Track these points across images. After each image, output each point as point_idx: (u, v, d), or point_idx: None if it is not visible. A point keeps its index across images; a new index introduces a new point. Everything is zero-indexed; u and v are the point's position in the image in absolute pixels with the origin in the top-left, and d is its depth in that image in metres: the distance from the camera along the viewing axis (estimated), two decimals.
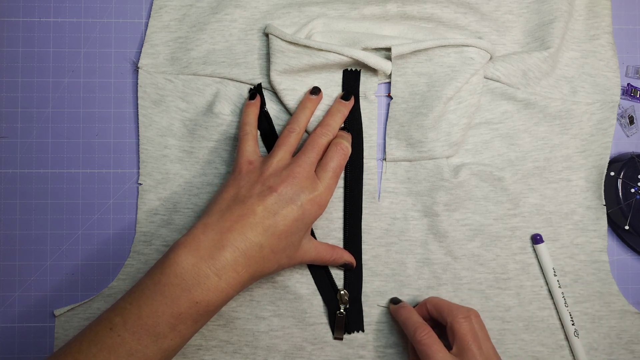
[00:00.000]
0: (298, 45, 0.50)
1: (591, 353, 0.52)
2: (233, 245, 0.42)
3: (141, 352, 0.40)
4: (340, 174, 0.48)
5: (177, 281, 0.41)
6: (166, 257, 0.42)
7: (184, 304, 0.41)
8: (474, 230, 0.52)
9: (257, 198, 0.44)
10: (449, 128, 0.51)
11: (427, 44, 0.50)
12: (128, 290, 0.43)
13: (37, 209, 0.53)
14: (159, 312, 0.40)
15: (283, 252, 0.44)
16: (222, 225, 0.43)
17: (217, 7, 0.54)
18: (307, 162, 0.46)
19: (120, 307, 0.41)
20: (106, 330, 0.40)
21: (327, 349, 0.51)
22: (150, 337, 0.40)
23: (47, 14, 0.55)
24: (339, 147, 0.48)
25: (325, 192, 0.46)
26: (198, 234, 0.42)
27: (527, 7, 0.54)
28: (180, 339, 0.42)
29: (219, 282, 0.41)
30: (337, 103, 0.51)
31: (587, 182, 0.53)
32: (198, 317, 0.42)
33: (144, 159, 0.53)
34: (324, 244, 0.50)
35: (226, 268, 0.41)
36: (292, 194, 0.44)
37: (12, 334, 0.52)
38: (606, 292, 0.52)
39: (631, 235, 0.52)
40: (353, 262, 0.51)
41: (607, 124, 0.53)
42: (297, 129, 0.48)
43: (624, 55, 0.56)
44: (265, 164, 0.46)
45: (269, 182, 0.44)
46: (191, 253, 0.41)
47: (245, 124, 0.50)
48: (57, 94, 0.54)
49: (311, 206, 0.45)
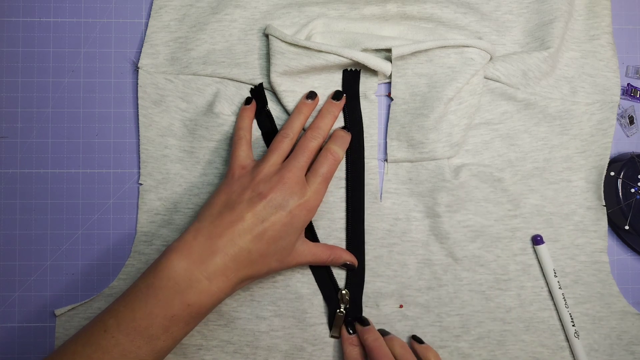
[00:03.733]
0: (298, 46, 0.50)
1: (592, 354, 0.52)
2: (223, 251, 0.43)
3: (134, 353, 0.41)
4: (331, 179, 0.49)
5: (170, 284, 0.42)
6: (159, 262, 0.43)
7: (177, 307, 0.42)
8: (475, 231, 0.52)
9: (246, 204, 0.45)
10: (449, 129, 0.51)
11: (427, 44, 0.50)
12: (121, 294, 0.44)
13: (37, 209, 0.53)
14: (152, 314, 0.41)
15: (273, 257, 0.45)
16: (213, 231, 0.44)
17: (217, 7, 0.54)
18: (296, 166, 0.47)
19: (114, 309, 0.42)
20: (100, 332, 0.41)
21: (328, 349, 0.51)
22: (144, 338, 0.41)
23: (47, 14, 0.55)
24: (329, 152, 0.48)
25: (313, 197, 0.46)
26: (190, 240, 0.44)
27: (527, 7, 0.54)
28: (172, 340, 0.43)
29: (210, 285, 0.43)
30: (327, 104, 0.51)
31: (588, 183, 0.53)
32: (190, 320, 0.43)
33: (144, 159, 0.53)
34: (321, 245, 0.50)
35: (217, 273, 0.43)
36: (281, 200, 0.45)
37: (12, 334, 0.52)
38: (607, 293, 0.52)
39: (631, 235, 0.52)
40: (354, 261, 0.51)
41: (607, 124, 0.53)
42: (291, 135, 0.49)
43: (624, 55, 0.56)
44: (256, 169, 0.47)
45: (259, 188, 0.45)
46: (183, 258, 0.43)
47: (240, 129, 0.50)
48: (57, 94, 0.54)
49: (300, 211, 0.45)
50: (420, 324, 0.52)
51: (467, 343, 0.51)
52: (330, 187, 0.52)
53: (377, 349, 0.47)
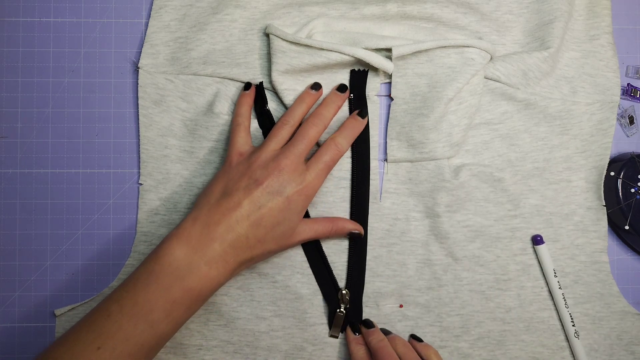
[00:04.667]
0: (299, 44, 0.50)
1: (592, 354, 0.52)
2: (221, 237, 0.44)
3: (137, 337, 0.42)
4: (332, 168, 0.49)
5: (170, 270, 0.43)
6: (159, 248, 0.44)
7: (178, 291, 0.43)
8: (475, 231, 0.52)
9: (243, 191, 0.45)
10: (449, 129, 0.51)
11: (428, 45, 0.50)
12: (123, 281, 0.44)
13: (37, 209, 0.53)
14: (153, 299, 0.42)
15: (272, 241, 0.46)
16: (211, 218, 0.44)
17: (217, 7, 0.54)
18: (294, 153, 0.47)
19: (117, 295, 0.43)
20: (103, 317, 0.42)
21: (328, 349, 0.51)
22: (146, 323, 0.42)
23: (47, 14, 0.54)
24: (333, 143, 0.48)
25: (313, 182, 0.47)
26: (188, 227, 0.44)
27: (527, 7, 0.54)
28: (174, 324, 0.43)
29: (210, 271, 0.43)
30: (332, 94, 0.51)
31: (588, 183, 0.53)
32: (191, 304, 0.44)
33: (144, 159, 0.53)
34: (320, 219, 0.50)
35: (215, 258, 0.44)
36: (278, 186, 0.45)
37: (12, 334, 0.52)
38: (607, 293, 0.52)
39: (631, 235, 0.52)
40: (359, 229, 0.51)
41: (607, 124, 0.53)
42: (291, 122, 0.49)
43: (624, 55, 0.56)
44: (254, 156, 0.47)
45: (256, 174, 0.46)
46: (182, 244, 0.43)
47: (238, 115, 0.50)
48: (57, 94, 0.54)
49: (298, 197, 0.46)
50: (420, 324, 0.52)
51: (467, 343, 0.51)
52: (331, 187, 0.52)
53: (381, 350, 0.47)
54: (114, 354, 0.41)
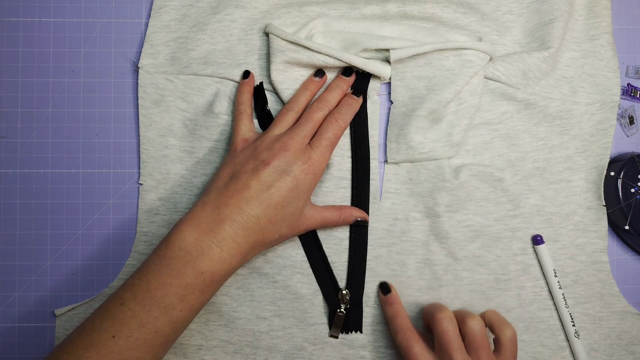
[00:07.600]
0: (298, 45, 0.50)
1: (592, 354, 0.52)
2: (230, 218, 0.44)
3: (152, 323, 0.42)
4: (336, 144, 0.49)
5: (181, 254, 0.43)
6: (170, 234, 0.44)
7: (190, 275, 0.42)
8: (475, 231, 0.52)
9: (251, 173, 0.45)
10: (449, 129, 0.51)
11: (426, 48, 0.50)
12: (136, 269, 0.44)
13: (37, 209, 0.53)
14: (166, 283, 0.42)
15: (282, 222, 0.46)
16: (220, 201, 0.45)
17: (217, 7, 0.54)
18: (300, 134, 0.47)
19: (130, 283, 0.43)
20: (117, 305, 0.42)
21: (328, 349, 0.51)
22: (160, 308, 0.42)
23: (47, 14, 0.54)
24: (334, 118, 0.49)
25: (319, 159, 0.47)
26: (197, 211, 0.44)
27: (527, 7, 0.54)
28: (188, 309, 0.43)
29: (221, 253, 0.43)
30: (337, 79, 0.52)
31: (588, 183, 0.53)
32: (204, 288, 0.43)
33: (144, 159, 0.53)
34: (329, 207, 0.50)
35: (227, 240, 0.43)
36: (285, 165, 0.46)
37: (12, 334, 0.52)
38: (607, 293, 0.52)
39: (631, 235, 0.52)
40: (365, 216, 0.51)
41: (607, 124, 0.53)
42: (296, 108, 0.49)
43: (624, 55, 0.56)
44: (259, 140, 0.48)
45: (262, 156, 0.46)
46: (193, 228, 0.43)
47: (240, 103, 0.51)
48: (57, 94, 0.54)
49: (305, 175, 0.46)
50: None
51: None
52: (331, 187, 0.52)
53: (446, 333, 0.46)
54: (129, 342, 0.41)
